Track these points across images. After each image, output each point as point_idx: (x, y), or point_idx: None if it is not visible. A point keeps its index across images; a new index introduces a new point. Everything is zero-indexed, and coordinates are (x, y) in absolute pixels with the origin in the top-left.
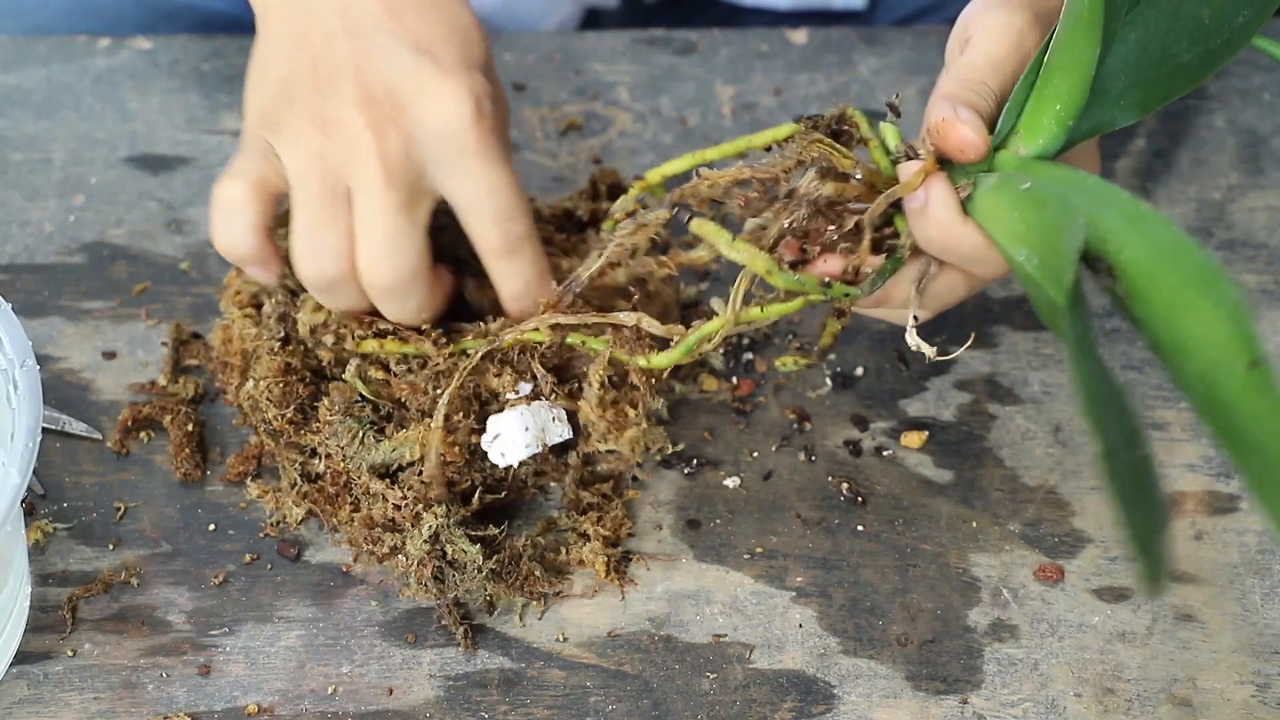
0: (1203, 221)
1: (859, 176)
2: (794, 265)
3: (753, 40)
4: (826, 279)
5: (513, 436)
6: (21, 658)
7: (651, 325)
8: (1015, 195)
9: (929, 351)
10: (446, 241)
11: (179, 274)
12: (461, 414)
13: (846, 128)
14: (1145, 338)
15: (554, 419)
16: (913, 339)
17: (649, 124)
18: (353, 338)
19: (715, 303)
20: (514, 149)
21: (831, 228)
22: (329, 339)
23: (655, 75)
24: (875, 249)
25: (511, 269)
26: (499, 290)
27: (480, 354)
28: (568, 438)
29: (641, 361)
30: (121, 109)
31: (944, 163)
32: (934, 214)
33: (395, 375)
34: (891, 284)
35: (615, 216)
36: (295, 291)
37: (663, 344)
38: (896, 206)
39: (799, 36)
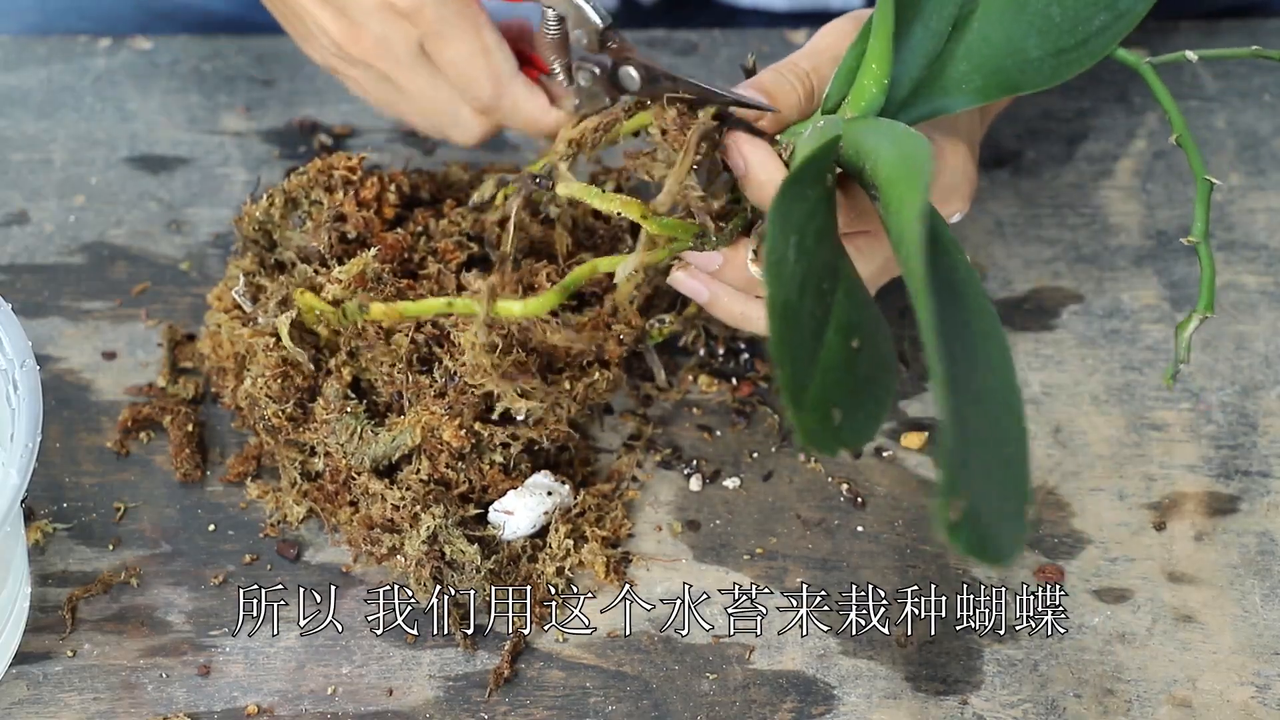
0: None
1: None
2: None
3: (753, 41)
4: (701, 230)
5: (524, 515)
6: (21, 658)
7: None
8: (814, 134)
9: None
10: None
11: (179, 274)
12: (467, 408)
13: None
14: (891, 240)
15: (554, 488)
16: (754, 269)
17: None
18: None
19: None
20: (515, 149)
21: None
22: (353, 307)
23: None
24: (723, 214)
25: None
26: None
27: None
28: (570, 503)
29: (516, 308)
30: (121, 109)
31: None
32: (754, 176)
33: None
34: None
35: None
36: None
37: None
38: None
39: (799, 37)
